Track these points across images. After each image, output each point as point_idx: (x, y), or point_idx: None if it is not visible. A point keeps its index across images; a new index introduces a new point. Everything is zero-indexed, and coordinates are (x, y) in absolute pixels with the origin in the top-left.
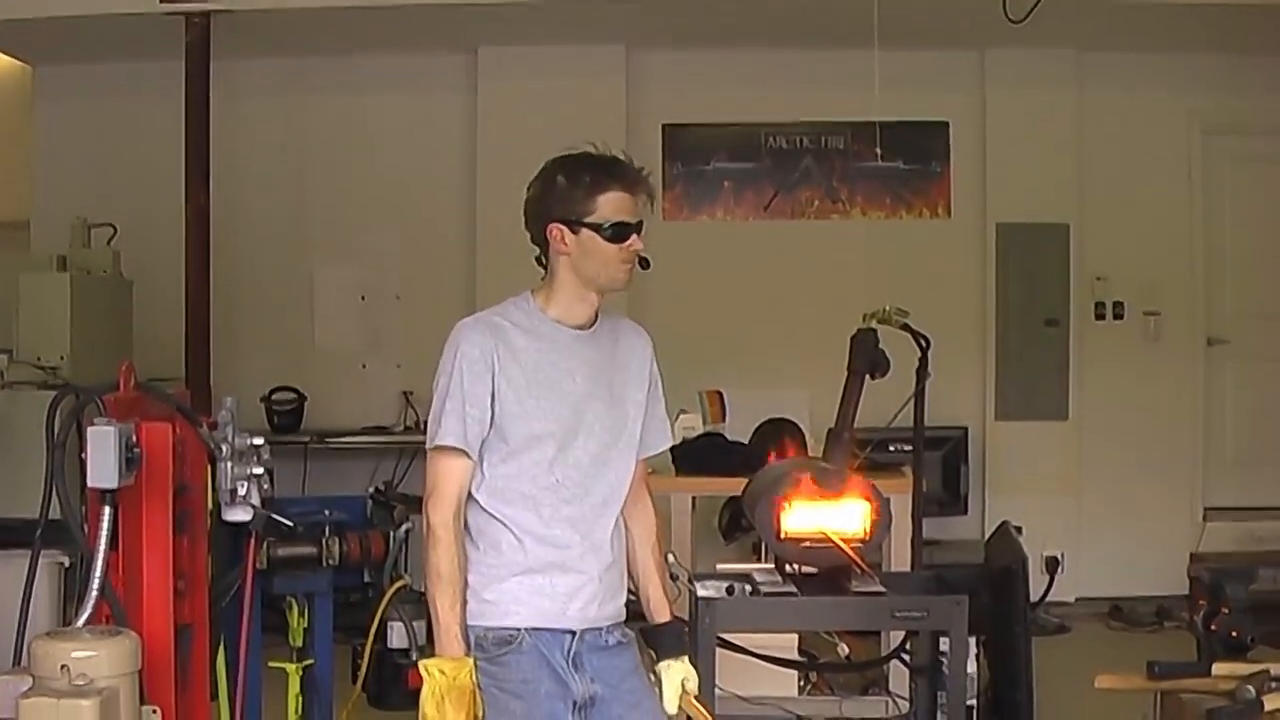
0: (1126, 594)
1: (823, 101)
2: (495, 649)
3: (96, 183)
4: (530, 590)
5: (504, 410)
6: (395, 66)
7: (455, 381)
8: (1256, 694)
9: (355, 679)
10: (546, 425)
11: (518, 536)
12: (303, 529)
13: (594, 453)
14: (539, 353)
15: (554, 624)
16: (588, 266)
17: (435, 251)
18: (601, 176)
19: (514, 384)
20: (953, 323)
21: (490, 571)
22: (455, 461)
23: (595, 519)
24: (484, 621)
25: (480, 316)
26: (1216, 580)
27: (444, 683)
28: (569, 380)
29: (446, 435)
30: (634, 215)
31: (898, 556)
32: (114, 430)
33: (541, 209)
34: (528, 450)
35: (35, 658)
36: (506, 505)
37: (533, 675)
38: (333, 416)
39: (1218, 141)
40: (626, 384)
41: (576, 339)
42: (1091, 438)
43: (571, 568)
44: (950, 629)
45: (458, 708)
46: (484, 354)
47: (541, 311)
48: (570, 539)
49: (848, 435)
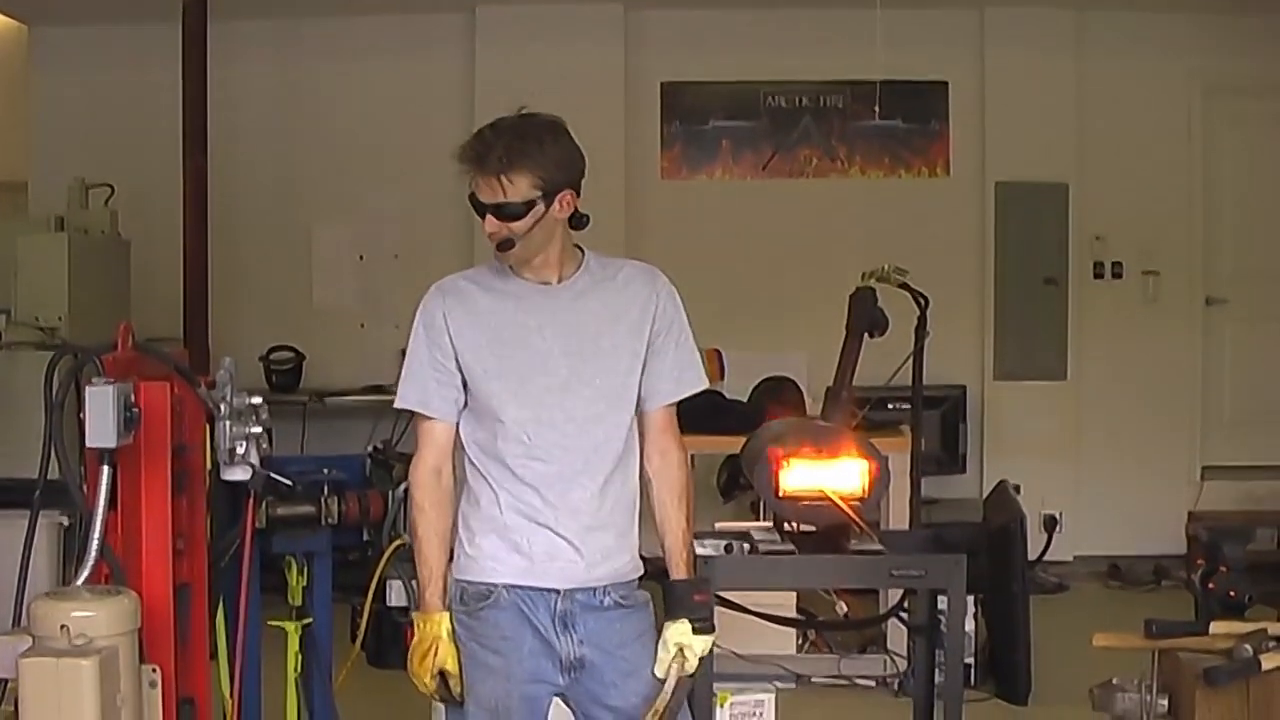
0: (1124, 553)
1: (822, 60)
2: (474, 603)
3: (94, 143)
4: (508, 548)
5: (469, 370)
6: (393, 26)
7: (413, 345)
8: (1254, 653)
9: (354, 638)
10: (508, 384)
11: (495, 493)
12: (301, 488)
13: (571, 410)
14: (504, 312)
15: (535, 582)
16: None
17: (433, 211)
18: (460, 151)
19: (472, 345)
20: (951, 282)
21: (474, 525)
22: (425, 423)
23: (573, 479)
24: (466, 576)
25: (446, 280)
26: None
27: (418, 636)
28: (537, 337)
29: (401, 399)
30: (486, 195)
31: (896, 515)
32: (112, 390)
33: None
34: (495, 409)
35: (35, 618)
36: (488, 461)
37: (514, 632)
38: (331, 376)
39: (1218, 101)
40: (619, 334)
41: (546, 294)
42: (1090, 397)
43: (547, 526)
44: (948, 588)
45: (420, 661)
46: (446, 317)
47: (508, 269)
48: (544, 499)
49: (846, 394)
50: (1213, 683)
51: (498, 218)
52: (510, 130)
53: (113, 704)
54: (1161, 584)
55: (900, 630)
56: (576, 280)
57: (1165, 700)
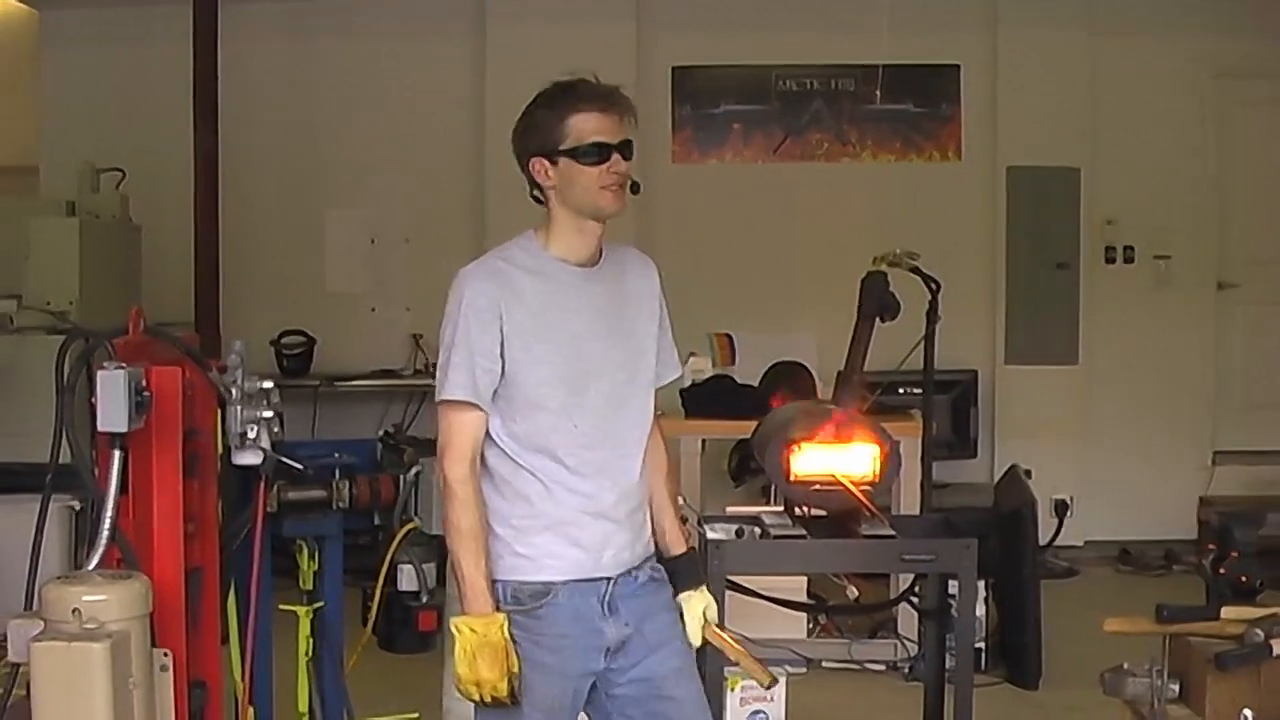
0: (1135, 538)
1: (833, 44)
2: (531, 602)
3: (105, 127)
4: (565, 542)
5: (513, 357)
6: (404, 8)
7: (462, 331)
8: (1265, 638)
9: (365, 622)
10: (557, 369)
11: (546, 486)
12: (313, 472)
13: (609, 394)
14: (545, 294)
15: (590, 574)
16: (573, 196)
17: (444, 194)
18: (569, 99)
19: (520, 330)
20: (962, 266)
21: (522, 524)
22: (467, 414)
23: (620, 461)
24: (519, 576)
25: (483, 262)
26: (1225, 524)
27: (475, 640)
28: (576, 321)
29: (455, 388)
30: (613, 135)
31: (907, 499)
32: (124, 374)
33: (522, 145)
34: (542, 397)
35: (46, 602)
36: (531, 454)
37: (569, 629)
38: (342, 360)
39: (1230, 85)
40: (637, 318)
41: (582, 277)
42: (1101, 381)
43: (603, 515)
44: (959, 572)
45: (491, 665)
46: (490, 301)
47: (544, 250)
48: (599, 485)
49: (857, 378)
50: (1224, 668)
51: (625, 157)
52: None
53: (124, 688)
54: (1172, 569)
55: (911, 615)
56: (604, 262)
57: (1176, 685)
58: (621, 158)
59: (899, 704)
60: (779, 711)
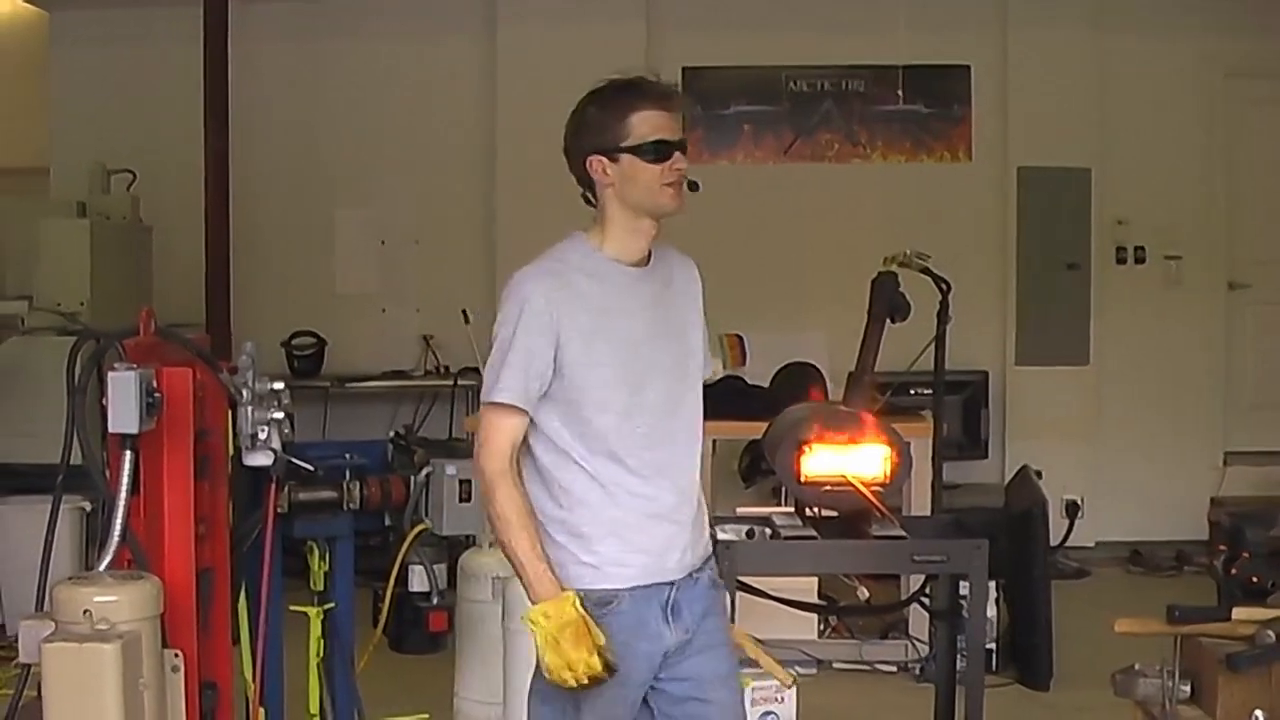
0: (1146, 538)
1: (844, 45)
2: (595, 609)
3: (115, 128)
4: (629, 549)
5: (573, 359)
6: (413, 8)
7: (519, 335)
8: (1277, 638)
9: (376, 622)
10: (616, 371)
11: (608, 490)
12: (323, 473)
13: (665, 394)
14: (602, 296)
15: (655, 579)
16: (633, 194)
17: (454, 196)
18: (630, 97)
19: (581, 331)
20: (973, 267)
21: (585, 530)
22: (511, 418)
23: (678, 462)
24: (583, 585)
25: (540, 264)
26: (1236, 525)
27: (553, 625)
28: (632, 322)
29: (505, 391)
30: (673, 132)
31: (918, 500)
32: (134, 375)
33: (578, 144)
34: (604, 399)
35: (58, 602)
36: (593, 457)
37: (630, 636)
38: (352, 361)
39: (1240, 84)
40: (685, 317)
41: (636, 278)
42: (1112, 382)
43: (665, 517)
44: (970, 573)
45: (576, 644)
46: (549, 304)
47: (597, 251)
48: (660, 487)
49: (868, 379)
50: (1235, 668)
51: (684, 155)
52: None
53: (135, 689)
54: (1183, 570)
55: (922, 615)
56: (654, 262)
57: (1187, 686)
58: (681, 155)
59: (910, 705)
60: (790, 712)
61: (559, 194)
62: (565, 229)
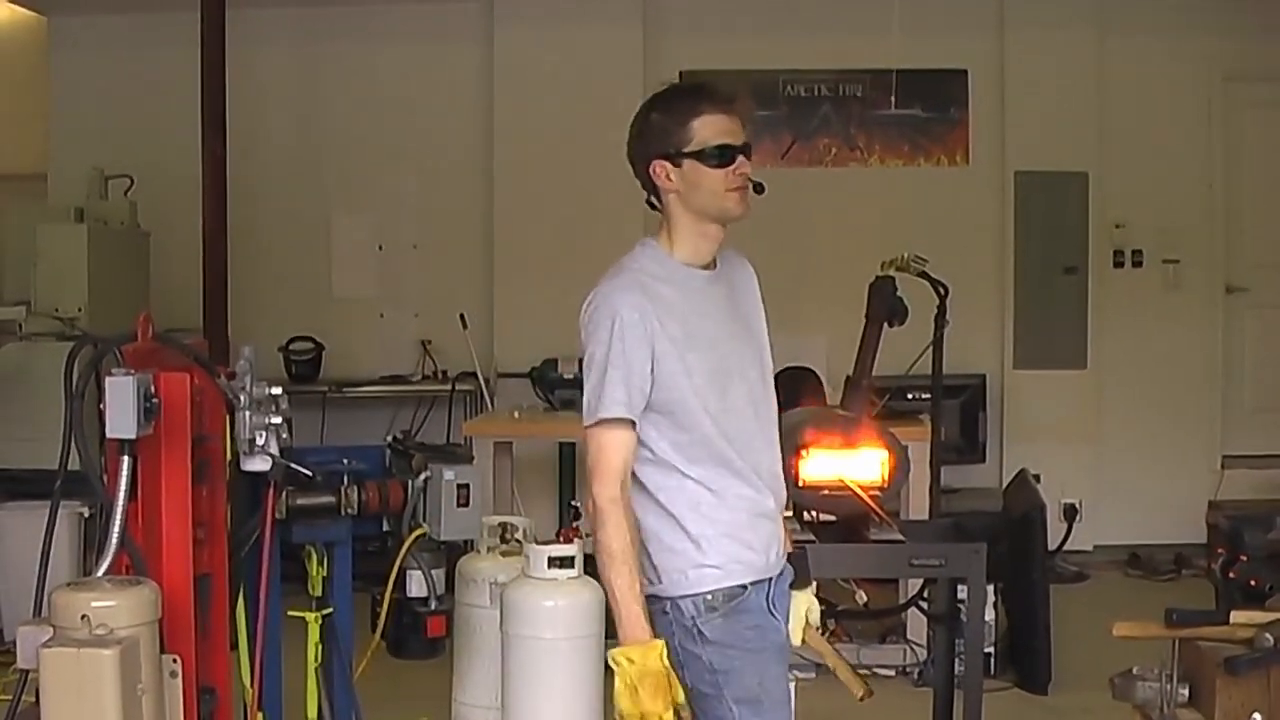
0: (1144, 542)
1: (841, 48)
2: (726, 604)
3: (113, 134)
4: (741, 546)
5: (670, 369)
6: (411, 13)
7: (616, 350)
8: (1275, 642)
9: (374, 628)
10: (706, 377)
11: (716, 493)
12: (321, 478)
13: (748, 395)
14: (684, 302)
15: (762, 575)
16: (697, 199)
17: (452, 200)
18: (693, 101)
19: (674, 340)
20: (971, 271)
21: (701, 534)
22: (620, 434)
23: (768, 461)
24: (709, 586)
25: (621, 276)
26: (1235, 528)
27: (635, 671)
28: (711, 325)
29: (613, 406)
30: (736, 136)
31: (916, 504)
32: (132, 380)
33: (641, 149)
34: (701, 405)
35: (56, 608)
36: (698, 464)
37: (763, 619)
38: (350, 366)
39: (1238, 88)
40: (752, 316)
41: (708, 281)
42: (1110, 386)
43: (765, 514)
44: (968, 577)
45: (654, 695)
46: (643, 316)
47: (670, 257)
48: (758, 486)
49: (866, 383)
50: (1233, 672)
51: (748, 159)
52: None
53: (133, 694)
54: (1182, 573)
55: (920, 619)
56: (721, 264)
57: (1186, 689)
58: (745, 159)
59: (909, 709)
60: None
61: (556, 197)
62: (563, 231)
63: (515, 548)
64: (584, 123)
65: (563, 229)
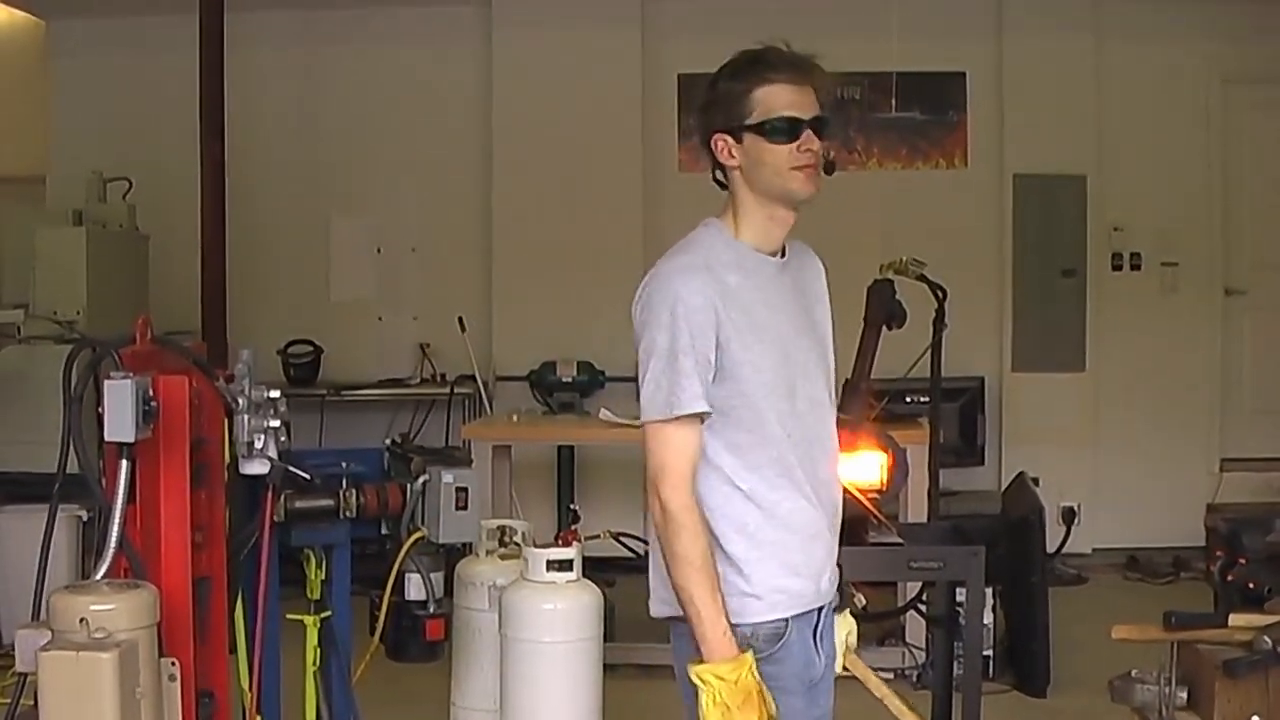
0: (1143, 545)
1: (839, 52)
2: (768, 646)
3: (112, 137)
4: (787, 572)
5: (736, 361)
6: (409, 17)
7: (682, 339)
8: (1273, 645)
9: (373, 631)
10: (773, 374)
11: (766, 511)
12: (320, 481)
13: (811, 398)
14: (751, 289)
15: (812, 604)
16: (760, 177)
17: (451, 203)
18: (756, 68)
19: (739, 329)
20: (969, 273)
21: (744, 557)
22: (689, 432)
23: (827, 475)
24: (750, 619)
25: (680, 257)
26: (1233, 531)
27: (725, 689)
28: (780, 318)
29: (692, 400)
30: (805, 109)
31: (914, 507)
32: (131, 384)
33: (704, 120)
34: (766, 406)
35: (54, 611)
36: (749, 473)
37: (801, 669)
38: (349, 369)
39: (1237, 90)
40: (819, 313)
41: (777, 269)
42: (1108, 388)
43: (819, 535)
44: (967, 579)
45: (747, 713)
46: (706, 301)
47: (736, 240)
48: (813, 501)
49: (864, 386)
50: (1232, 674)
51: (818, 134)
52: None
53: (132, 697)
54: (1180, 576)
55: (919, 622)
56: (790, 254)
57: (1184, 692)
58: (815, 134)
59: None
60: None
61: (555, 201)
62: (562, 235)
63: (514, 551)
64: (583, 126)
65: (561, 233)
